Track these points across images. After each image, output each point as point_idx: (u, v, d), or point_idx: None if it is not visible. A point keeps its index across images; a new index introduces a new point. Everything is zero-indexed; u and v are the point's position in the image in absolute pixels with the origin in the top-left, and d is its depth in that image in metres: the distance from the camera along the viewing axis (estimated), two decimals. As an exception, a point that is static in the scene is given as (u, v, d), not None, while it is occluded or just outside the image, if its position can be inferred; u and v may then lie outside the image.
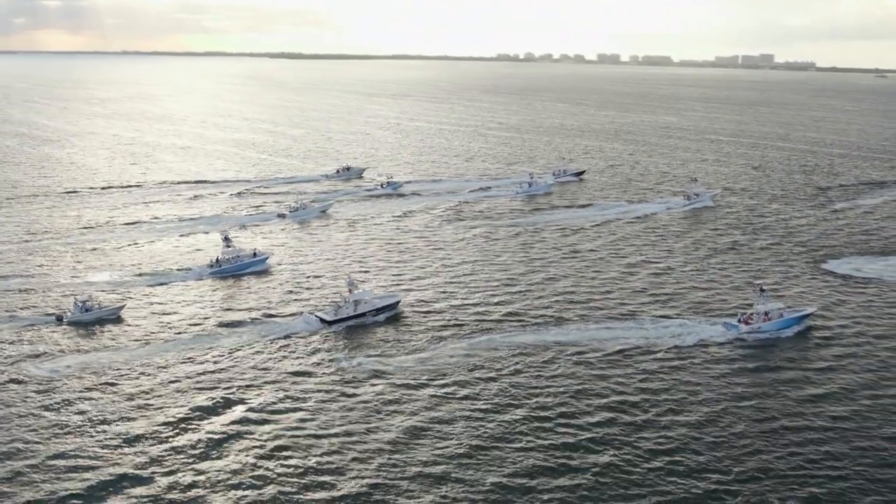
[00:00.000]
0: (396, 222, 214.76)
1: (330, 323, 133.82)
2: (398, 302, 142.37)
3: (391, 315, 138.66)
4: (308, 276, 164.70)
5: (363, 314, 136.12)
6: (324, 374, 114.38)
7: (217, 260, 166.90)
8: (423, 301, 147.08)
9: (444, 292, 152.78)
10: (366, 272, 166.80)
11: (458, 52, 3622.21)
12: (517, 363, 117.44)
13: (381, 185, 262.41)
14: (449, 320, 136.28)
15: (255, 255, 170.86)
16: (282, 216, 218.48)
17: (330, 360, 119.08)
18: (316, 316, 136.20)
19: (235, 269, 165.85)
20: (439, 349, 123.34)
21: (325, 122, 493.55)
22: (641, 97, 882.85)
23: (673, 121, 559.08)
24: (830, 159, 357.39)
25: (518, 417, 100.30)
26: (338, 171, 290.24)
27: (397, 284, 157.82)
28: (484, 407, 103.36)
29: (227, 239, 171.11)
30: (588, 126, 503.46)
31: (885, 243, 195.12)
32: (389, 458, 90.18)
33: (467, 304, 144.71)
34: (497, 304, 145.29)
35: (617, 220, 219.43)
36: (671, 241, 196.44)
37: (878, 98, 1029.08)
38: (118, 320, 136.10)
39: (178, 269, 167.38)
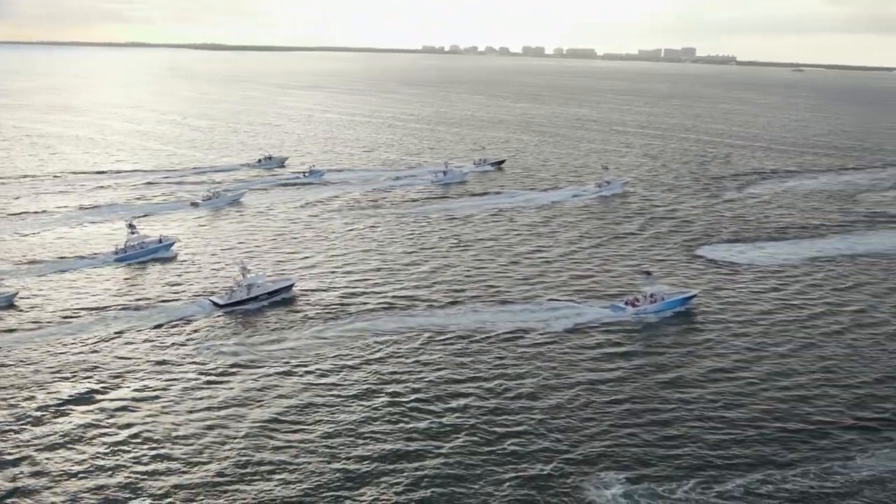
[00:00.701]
0: (307, 210, 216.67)
1: (223, 307, 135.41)
2: (292, 285, 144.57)
3: (285, 298, 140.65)
4: (211, 262, 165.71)
5: (256, 297, 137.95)
6: (198, 360, 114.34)
7: (123, 246, 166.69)
8: (316, 287, 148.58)
9: (338, 278, 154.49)
10: (269, 256, 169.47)
11: (384, 45, 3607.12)
12: (389, 349, 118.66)
13: (304, 174, 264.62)
14: (336, 306, 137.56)
15: (160, 241, 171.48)
16: (195, 205, 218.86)
17: (204, 347, 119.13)
18: (209, 300, 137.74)
19: (140, 255, 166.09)
20: (318, 335, 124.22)
21: (235, 114, 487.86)
22: (559, 89, 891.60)
23: (585, 113, 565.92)
24: (731, 150, 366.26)
25: (377, 403, 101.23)
26: (259, 161, 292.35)
27: (297, 270, 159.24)
28: (345, 393, 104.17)
29: (131, 226, 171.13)
30: (498, 117, 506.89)
31: (763, 231, 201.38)
32: (241, 445, 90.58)
33: (357, 291, 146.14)
34: (386, 290, 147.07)
35: (523, 208, 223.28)
36: (569, 228, 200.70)
37: (790, 91, 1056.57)
38: (10, 308, 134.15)
39: (82, 256, 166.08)
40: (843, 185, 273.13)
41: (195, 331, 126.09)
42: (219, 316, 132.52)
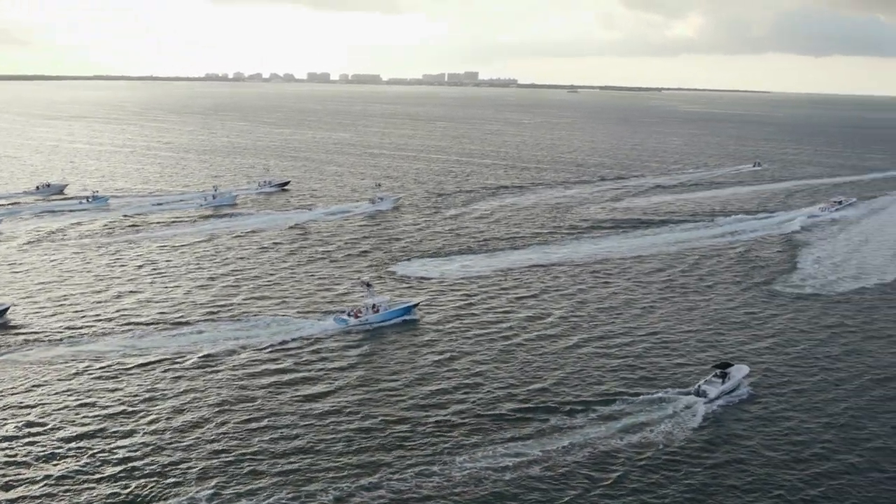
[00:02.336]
0: (59, 236, 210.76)
1: None
2: (6, 310, 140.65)
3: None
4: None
5: None
6: None
7: None
8: (34, 314, 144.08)
9: (59, 305, 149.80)
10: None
11: (165, 73, 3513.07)
12: (53, 382, 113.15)
13: (87, 199, 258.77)
14: (40, 334, 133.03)
15: None
16: None
17: None
18: None
19: None
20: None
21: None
22: (330, 115, 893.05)
23: (346, 137, 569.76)
24: (475, 169, 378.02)
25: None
26: (37, 188, 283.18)
27: (22, 296, 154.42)
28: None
29: None
30: (258, 144, 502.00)
31: (470, 244, 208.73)
32: None
33: (68, 319, 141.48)
34: (98, 314, 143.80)
35: (270, 229, 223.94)
36: (301, 247, 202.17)
37: (559, 111, 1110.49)
38: None
39: None
40: (566, 199, 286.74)
41: None
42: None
